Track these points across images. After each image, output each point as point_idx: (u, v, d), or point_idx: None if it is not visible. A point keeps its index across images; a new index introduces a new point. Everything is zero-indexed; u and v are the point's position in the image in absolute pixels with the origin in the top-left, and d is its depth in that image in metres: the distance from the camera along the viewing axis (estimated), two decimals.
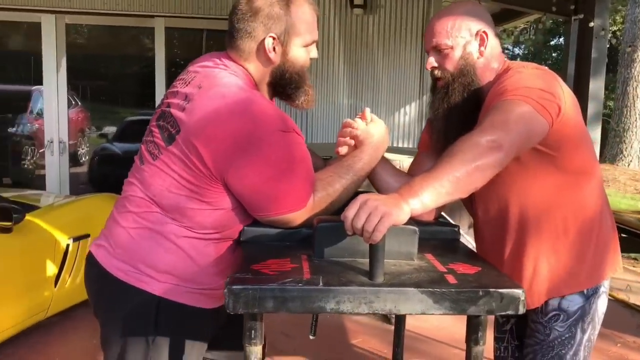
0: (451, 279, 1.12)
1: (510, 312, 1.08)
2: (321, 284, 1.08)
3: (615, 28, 14.38)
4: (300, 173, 1.29)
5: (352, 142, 1.44)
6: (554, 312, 1.43)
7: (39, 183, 5.75)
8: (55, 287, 3.02)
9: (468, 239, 2.66)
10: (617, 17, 14.55)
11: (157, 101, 5.46)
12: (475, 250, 1.56)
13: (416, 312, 1.09)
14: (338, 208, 1.37)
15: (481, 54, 1.43)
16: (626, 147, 10.41)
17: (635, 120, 10.22)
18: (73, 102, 5.79)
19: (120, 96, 7.03)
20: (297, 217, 1.31)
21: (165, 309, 1.34)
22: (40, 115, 6.13)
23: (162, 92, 5.48)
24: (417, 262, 1.23)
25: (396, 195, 1.10)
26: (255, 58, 1.36)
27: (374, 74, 5.40)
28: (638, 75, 10.18)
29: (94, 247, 1.42)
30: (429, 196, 1.11)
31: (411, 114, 5.49)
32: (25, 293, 2.81)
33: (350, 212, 1.08)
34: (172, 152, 1.29)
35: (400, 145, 5.42)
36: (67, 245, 3.08)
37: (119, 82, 6.92)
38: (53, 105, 5.37)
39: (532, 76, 1.32)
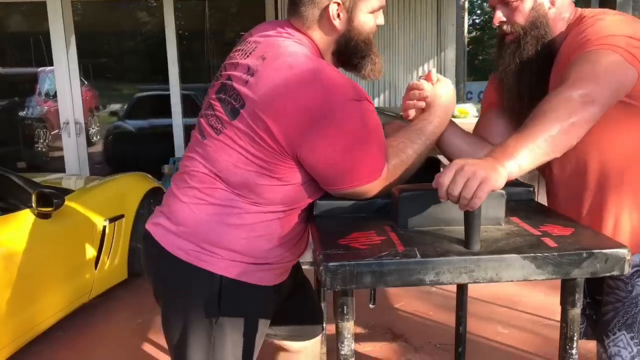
0: (550, 242, 1.08)
1: (615, 273, 1.05)
2: (418, 255, 1.04)
3: None
4: (375, 142, 1.24)
5: (422, 104, 1.38)
6: (636, 268, 1.38)
7: (55, 165, 5.73)
8: (95, 269, 3.02)
9: None
10: None
11: (170, 75, 5.42)
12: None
13: (517, 279, 1.05)
14: (412, 174, 1.33)
15: (552, 3, 1.35)
16: None
17: None
18: (80, 81, 5.72)
19: (128, 72, 6.95)
20: (373, 187, 1.26)
21: (228, 288, 1.31)
22: (49, 96, 6.08)
23: (175, 65, 5.40)
24: (506, 226, 1.19)
25: (490, 159, 1.05)
26: (319, 26, 1.29)
27: (390, 31, 5.28)
28: None
29: (151, 225, 1.37)
30: (526, 158, 1.05)
31: None
32: (68, 277, 2.81)
33: (445, 178, 1.03)
34: (238, 127, 1.23)
35: None
36: (104, 227, 3.07)
37: (126, 58, 6.83)
38: (65, 86, 5.29)
39: (617, 23, 1.25)
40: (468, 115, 3.73)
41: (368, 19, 1.31)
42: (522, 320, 2.88)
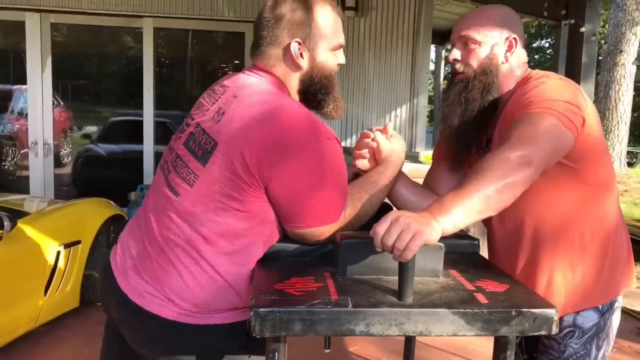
0: (481, 298, 1.09)
1: (543, 333, 1.06)
2: (350, 305, 1.04)
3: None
4: (339, 184, 1.27)
5: (367, 154, 1.41)
6: (569, 329, 1.40)
7: (21, 185, 5.61)
8: (45, 295, 2.93)
9: None
10: (599, 21, 14.74)
11: (145, 101, 5.42)
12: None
13: (447, 334, 1.05)
14: (363, 223, 1.34)
15: (506, 59, 1.41)
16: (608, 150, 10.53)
17: (617, 123, 10.37)
18: (55, 102, 5.67)
19: (104, 96, 6.91)
20: (329, 230, 1.27)
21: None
22: (21, 115, 6.00)
23: (150, 92, 5.40)
24: (443, 279, 1.20)
25: (426, 213, 1.07)
26: (282, 65, 1.34)
27: (365, 76, 5.38)
28: (620, 79, 10.32)
29: (140, 298, 1.27)
30: (461, 215, 1.07)
31: (402, 116, 5.48)
32: (14, 302, 2.72)
33: (381, 228, 1.04)
34: (211, 170, 1.23)
35: None
36: (58, 252, 3.00)
37: (102, 81, 6.80)
38: (37, 106, 5.24)
39: (557, 87, 1.30)
40: None
41: (329, 56, 1.36)
42: None
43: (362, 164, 1.43)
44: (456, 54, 1.44)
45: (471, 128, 1.43)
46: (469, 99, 1.41)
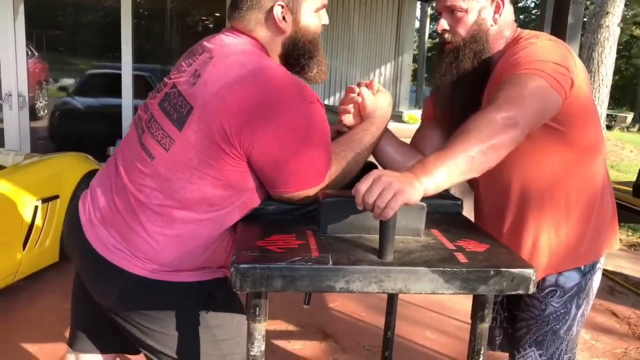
0: (461, 257, 1.10)
1: (520, 292, 1.07)
2: (331, 262, 1.04)
3: None
4: (323, 146, 1.24)
5: (352, 109, 1.39)
6: (551, 288, 1.43)
7: None
8: (23, 250, 2.90)
9: None
10: None
11: (123, 54, 5.27)
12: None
13: (426, 292, 1.07)
14: (347, 182, 1.33)
15: (495, 21, 1.38)
16: None
17: (599, 86, 10.41)
18: (29, 53, 5.49)
19: (81, 48, 6.70)
20: (315, 191, 1.26)
21: (215, 286, 1.32)
22: None
23: (128, 44, 5.25)
24: (425, 238, 1.20)
25: (409, 173, 1.06)
26: (264, 29, 1.28)
27: (349, 32, 5.29)
28: (604, 41, 10.31)
29: (104, 249, 1.26)
30: (443, 176, 1.07)
31: (386, 74, 5.43)
32: None
33: (362, 186, 1.04)
34: (187, 135, 1.19)
35: None
36: (36, 207, 2.95)
37: (79, 32, 6.59)
38: (10, 56, 5.06)
39: (547, 48, 1.28)
40: (418, 121, 3.77)
41: (313, 18, 1.31)
42: (451, 326, 2.95)
43: (347, 119, 1.40)
44: (444, 24, 1.40)
45: (465, 95, 1.41)
46: (460, 69, 1.39)
